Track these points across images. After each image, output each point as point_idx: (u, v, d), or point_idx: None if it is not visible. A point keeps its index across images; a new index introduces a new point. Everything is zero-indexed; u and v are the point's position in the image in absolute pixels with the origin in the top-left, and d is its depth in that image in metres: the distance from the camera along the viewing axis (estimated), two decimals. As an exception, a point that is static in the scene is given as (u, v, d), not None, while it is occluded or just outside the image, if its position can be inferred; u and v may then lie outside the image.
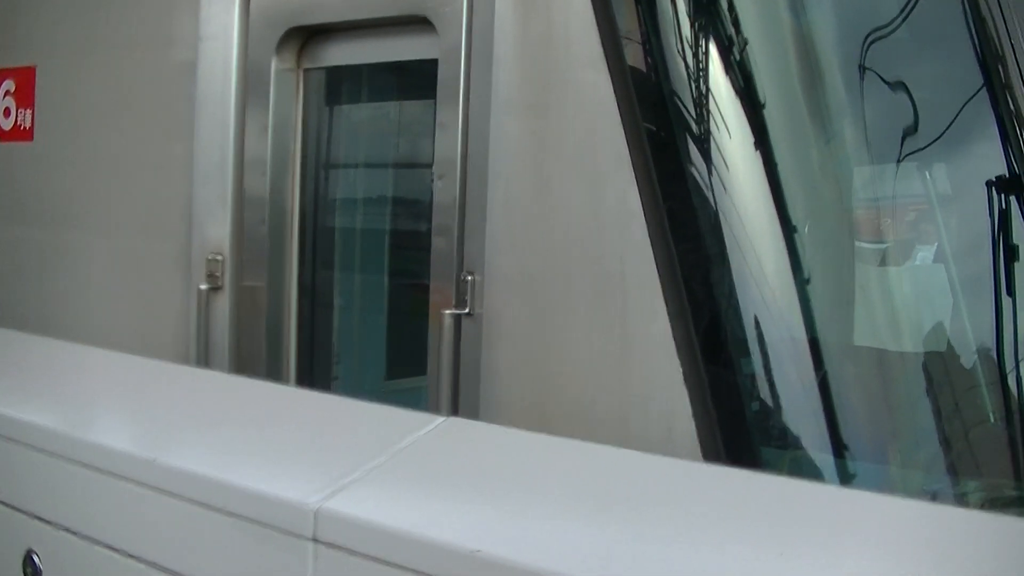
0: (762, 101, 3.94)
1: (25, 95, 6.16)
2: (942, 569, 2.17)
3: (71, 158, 5.93)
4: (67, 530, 3.30)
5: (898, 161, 4.22)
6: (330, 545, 2.60)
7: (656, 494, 2.69)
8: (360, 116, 5.35)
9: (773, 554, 2.22)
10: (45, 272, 6.04)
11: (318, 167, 5.15)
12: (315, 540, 2.63)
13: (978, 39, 4.43)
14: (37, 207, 6.14)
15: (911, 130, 4.20)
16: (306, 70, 5.04)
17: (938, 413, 4.10)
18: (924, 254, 4.33)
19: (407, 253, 5.11)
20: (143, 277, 5.51)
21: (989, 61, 4.42)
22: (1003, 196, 4.27)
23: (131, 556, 3.10)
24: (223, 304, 5.09)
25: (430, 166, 4.46)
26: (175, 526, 3.00)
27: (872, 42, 4.12)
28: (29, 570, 3.39)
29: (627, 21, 3.93)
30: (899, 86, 4.18)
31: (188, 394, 3.76)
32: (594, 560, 2.27)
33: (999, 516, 2.89)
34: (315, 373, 5.19)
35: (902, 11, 4.23)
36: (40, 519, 3.37)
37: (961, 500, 3.86)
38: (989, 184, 4.27)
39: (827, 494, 2.90)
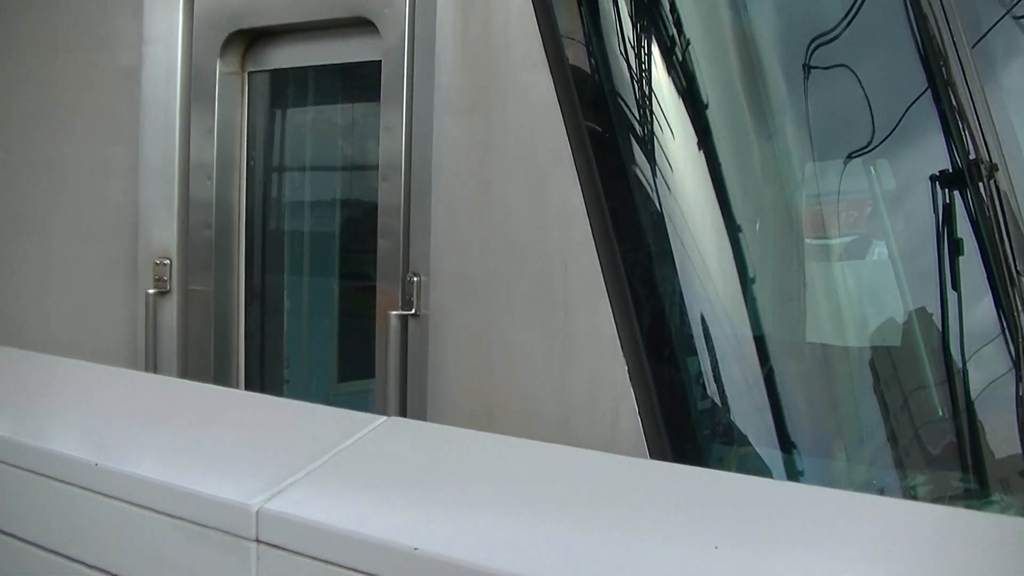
0: (704, 100, 3.97)
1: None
2: (881, 562, 2.19)
3: (12, 161, 5.88)
4: (10, 535, 3.28)
5: (843, 158, 4.25)
6: (272, 545, 2.61)
7: (597, 491, 2.70)
8: (305, 119, 5.34)
9: (709, 547, 2.24)
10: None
11: (264, 170, 5.14)
12: (257, 541, 2.63)
13: (920, 36, 4.46)
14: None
15: (855, 127, 4.22)
16: (251, 73, 5.04)
17: (885, 408, 4.12)
18: (870, 250, 4.35)
19: (354, 255, 5.10)
20: (90, 281, 5.47)
21: (931, 58, 4.45)
22: (946, 191, 4.29)
23: (75, 560, 3.09)
24: (171, 308, 5.08)
25: (375, 168, 4.46)
26: (118, 530, 2.99)
27: (813, 42, 4.14)
28: (-28, 576, 3.37)
29: (568, 21, 3.94)
30: (842, 84, 4.20)
31: (132, 398, 3.75)
32: (531, 556, 2.28)
33: (943, 508, 2.93)
34: (265, 376, 5.18)
35: (845, 11, 4.26)
36: (-17, 524, 3.35)
37: (908, 494, 3.89)
38: (933, 179, 4.29)
39: (770, 489, 2.92)
